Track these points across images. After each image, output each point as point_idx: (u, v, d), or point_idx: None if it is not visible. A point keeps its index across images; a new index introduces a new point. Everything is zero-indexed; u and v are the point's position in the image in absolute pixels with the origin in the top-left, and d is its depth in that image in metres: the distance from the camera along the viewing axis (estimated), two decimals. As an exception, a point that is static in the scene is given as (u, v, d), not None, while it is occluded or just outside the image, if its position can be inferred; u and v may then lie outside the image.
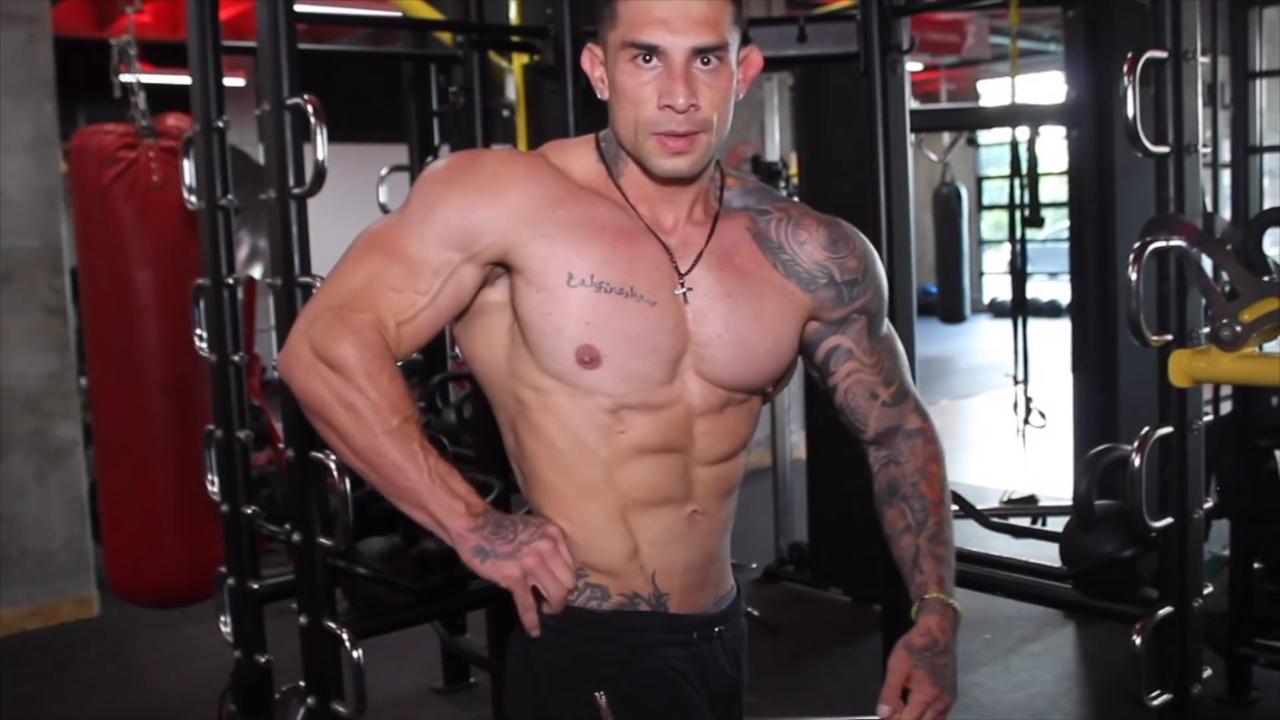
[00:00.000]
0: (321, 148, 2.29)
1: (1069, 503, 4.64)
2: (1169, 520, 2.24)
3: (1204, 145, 2.26)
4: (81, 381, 5.06)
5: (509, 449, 1.50)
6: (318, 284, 2.34)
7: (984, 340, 12.37)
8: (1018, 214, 4.57)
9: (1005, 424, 5.97)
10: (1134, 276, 2.14)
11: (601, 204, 1.44)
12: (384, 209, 4.12)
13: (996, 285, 16.08)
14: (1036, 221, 4.51)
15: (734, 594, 1.57)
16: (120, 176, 3.33)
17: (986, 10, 7.04)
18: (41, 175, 4.78)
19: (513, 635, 1.52)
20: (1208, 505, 2.30)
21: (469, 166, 1.44)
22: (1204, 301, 2.21)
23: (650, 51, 1.36)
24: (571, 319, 1.37)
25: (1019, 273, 4.71)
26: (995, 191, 16.15)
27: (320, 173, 2.31)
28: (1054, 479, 5.31)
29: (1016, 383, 4.65)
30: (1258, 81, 3.55)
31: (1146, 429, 2.23)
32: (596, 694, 1.39)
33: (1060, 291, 13.71)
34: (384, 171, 4.03)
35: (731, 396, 1.49)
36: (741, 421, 1.52)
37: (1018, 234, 4.58)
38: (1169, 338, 2.22)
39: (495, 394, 1.48)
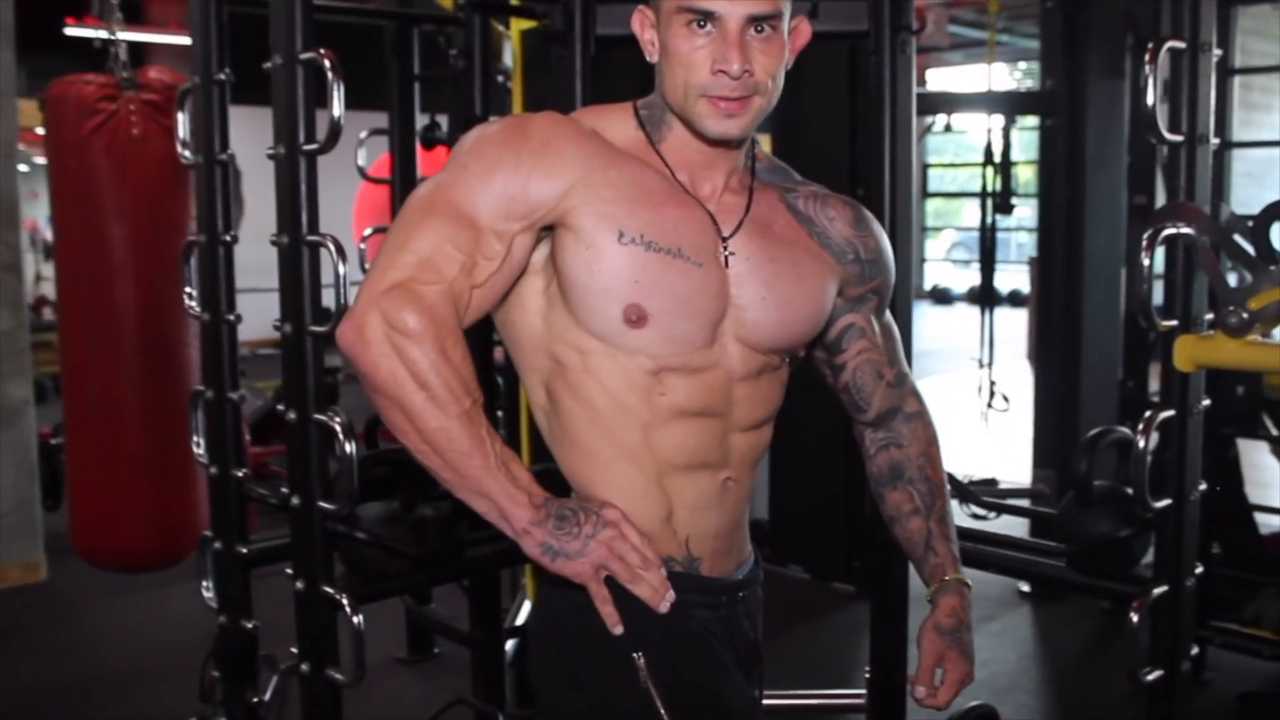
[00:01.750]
0: (338, 104, 2.25)
1: (1028, 485, 4.78)
2: (1167, 501, 2.28)
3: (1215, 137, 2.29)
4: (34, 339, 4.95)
5: (539, 409, 1.49)
6: (328, 243, 2.31)
7: (929, 326, 12.54)
8: (989, 201, 4.62)
9: (956, 407, 6.07)
10: (1146, 262, 2.18)
11: (645, 169, 1.45)
12: (362, 172, 4.07)
13: (937, 272, 16.31)
14: (1007, 208, 4.57)
15: (754, 559, 1.60)
16: (99, 129, 3.25)
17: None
18: (-2, 127, 4.65)
19: (539, 600, 1.54)
20: (1203, 488, 2.35)
21: (523, 129, 1.42)
22: (1210, 288, 2.25)
23: (706, 17, 1.37)
24: (620, 278, 1.38)
25: (989, 258, 4.77)
26: (937, 179, 16.38)
27: (336, 130, 2.27)
28: (1011, 462, 5.40)
29: (981, 366, 4.72)
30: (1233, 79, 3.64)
31: (1149, 412, 2.27)
32: (635, 655, 1.39)
33: (1000, 279, 13.95)
34: (363, 135, 3.97)
35: (768, 362, 1.51)
36: (774, 389, 1.55)
37: (989, 220, 4.64)
38: (1174, 323, 2.26)
39: (529, 355, 1.48)
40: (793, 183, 1.59)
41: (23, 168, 5.96)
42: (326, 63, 2.25)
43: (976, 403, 5.09)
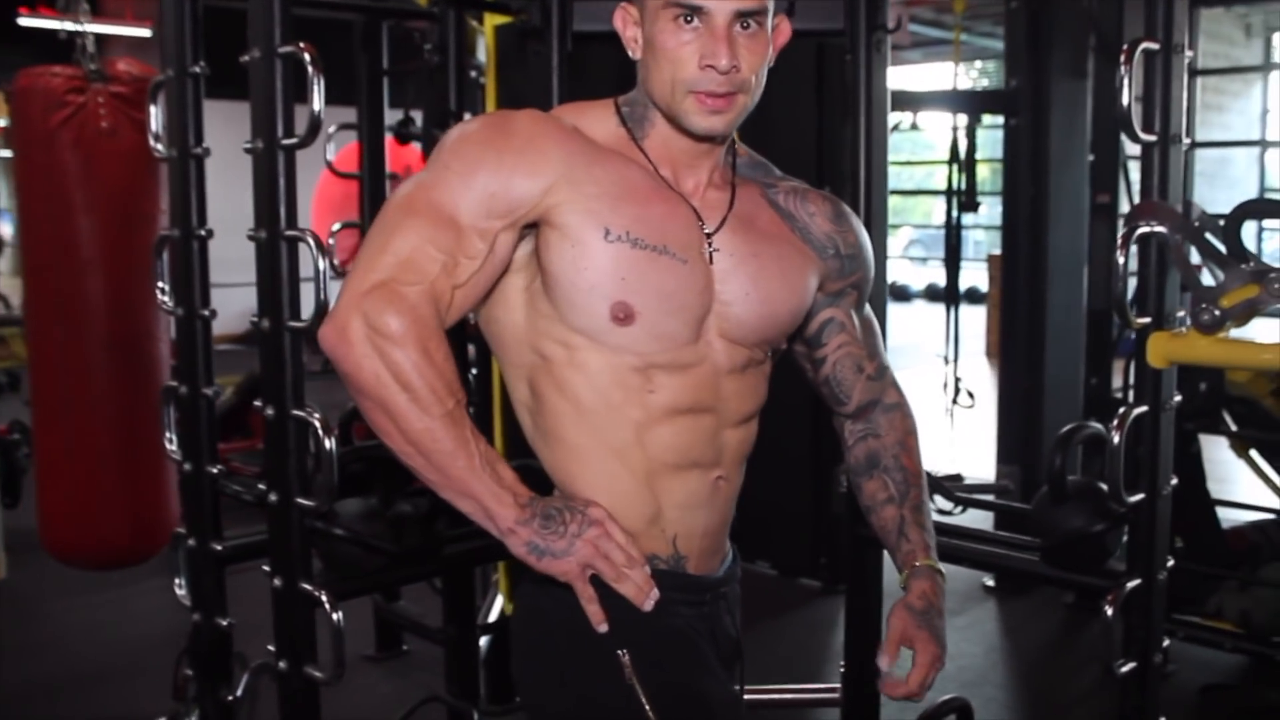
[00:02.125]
0: (318, 99, 2.23)
1: (992, 481, 4.82)
2: (1141, 496, 2.32)
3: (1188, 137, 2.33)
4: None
5: (522, 405, 1.49)
6: (308, 238, 2.30)
7: (886, 324, 12.62)
8: (954, 199, 4.66)
9: (919, 403, 6.13)
10: (1122, 260, 2.21)
11: (629, 165, 1.46)
12: (330, 166, 4.05)
13: (895, 269, 16.41)
14: (973, 205, 4.62)
15: (734, 556, 1.61)
16: (67, 122, 3.20)
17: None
18: (-44, 118, 4.57)
19: (520, 598, 1.53)
20: (1174, 483, 2.39)
21: (504, 127, 1.41)
22: (1183, 285, 2.28)
23: (693, 12, 1.38)
24: (607, 275, 1.38)
25: (954, 255, 4.82)
26: (894, 176, 16.49)
27: (315, 124, 2.25)
28: (975, 459, 5.45)
29: (947, 363, 4.76)
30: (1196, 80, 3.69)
31: (1124, 409, 2.30)
32: (619, 652, 1.40)
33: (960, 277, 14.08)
34: (331, 129, 3.95)
35: (752, 356, 1.52)
36: (760, 382, 1.56)
37: (954, 219, 4.69)
38: (1148, 320, 2.29)
39: (512, 351, 1.48)
40: (773, 178, 1.61)
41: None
42: (306, 56, 2.23)
43: (941, 399, 5.13)
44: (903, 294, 15.42)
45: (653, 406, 1.44)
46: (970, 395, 4.74)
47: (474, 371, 3.34)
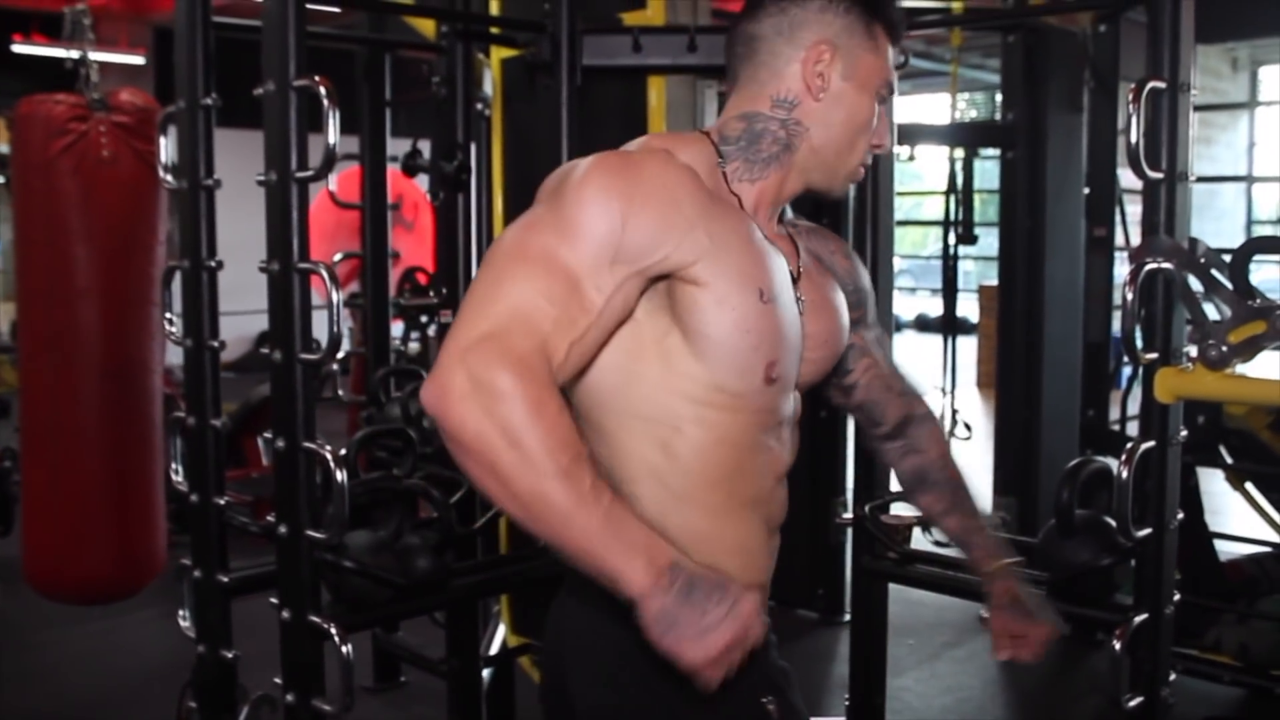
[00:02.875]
0: (333, 131, 2.24)
1: (989, 513, 4.82)
2: (1147, 530, 2.33)
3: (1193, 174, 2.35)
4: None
5: (640, 461, 1.39)
6: (322, 270, 2.30)
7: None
8: (951, 231, 4.69)
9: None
10: (1130, 297, 2.23)
11: (739, 213, 1.43)
12: (333, 196, 4.05)
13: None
14: (970, 238, 4.64)
15: None
16: (68, 150, 3.20)
17: (930, 32, 7.24)
18: (-45, 145, 4.57)
19: (586, 626, 1.45)
20: (1181, 517, 2.41)
21: (632, 172, 1.31)
22: (1189, 321, 2.30)
23: (890, 95, 1.50)
24: (766, 337, 1.37)
25: (951, 287, 4.84)
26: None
27: (331, 157, 2.26)
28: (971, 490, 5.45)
29: (944, 395, 4.77)
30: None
31: (1131, 443, 2.32)
32: (765, 700, 1.43)
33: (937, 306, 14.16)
34: (334, 159, 3.95)
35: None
36: None
37: (951, 250, 4.71)
38: (1155, 356, 2.31)
39: (639, 403, 1.37)
40: (792, 218, 1.63)
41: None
42: (323, 90, 2.24)
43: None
44: (898, 324, 15.48)
45: (779, 462, 1.48)
46: (967, 427, 4.74)
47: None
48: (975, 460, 5.56)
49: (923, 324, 14.33)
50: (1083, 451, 4.11)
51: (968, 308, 13.00)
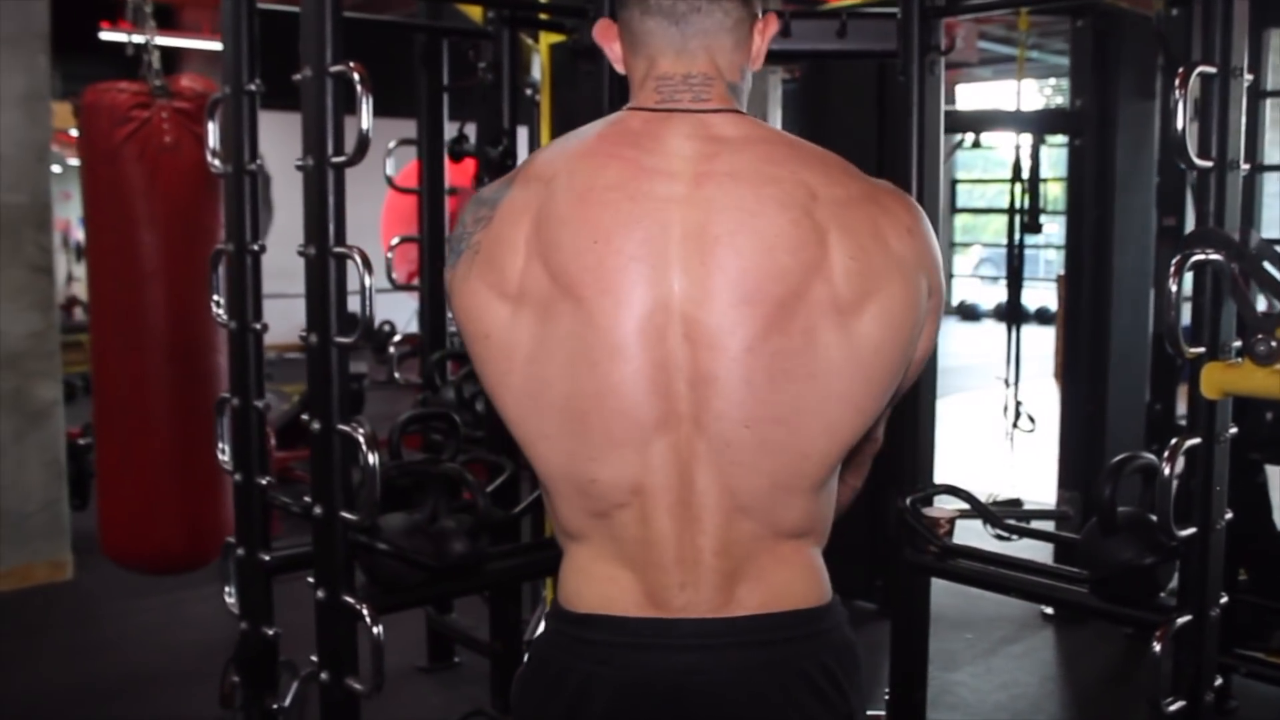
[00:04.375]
0: (366, 117, 2.26)
1: (1052, 507, 4.74)
2: (1192, 530, 2.26)
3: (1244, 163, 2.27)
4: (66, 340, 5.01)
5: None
6: (355, 255, 2.33)
7: (956, 343, 12.47)
8: (1017, 219, 4.60)
9: (982, 426, 6.05)
10: (1174, 289, 2.16)
11: None
12: (390, 181, 4.09)
13: (965, 288, 16.21)
14: (1035, 227, 4.55)
15: None
16: (132, 136, 3.28)
17: (998, 13, 7.10)
18: (33, 130, 4.70)
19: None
20: (1229, 516, 2.33)
21: None
22: (1238, 315, 2.23)
23: None
24: None
25: (1016, 276, 4.75)
26: (965, 194, 16.32)
27: (364, 142, 2.28)
28: (1035, 483, 5.36)
29: (1007, 385, 4.69)
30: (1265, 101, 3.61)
31: (1175, 439, 2.25)
32: None
33: (1028, 297, 13.88)
34: (391, 145, 3.98)
35: None
36: None
37: (1016, 239, 4.62)
38: (1202, 350, 2.24)
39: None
40: None
41: (56, 169, 6.02)
42: (356, 76, 2.26)
43: (1002, 422, 5.05)
44: (971, 313, 15.21)
45: None
46: (1031, 419, 4.65)
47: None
48: (1039, 453, 5.52)
49: (1002, 313, 14.07)
50: (1148, 445, 4.01)
51: (1048, 297, 12.79)
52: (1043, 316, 13.04)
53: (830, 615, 1.32)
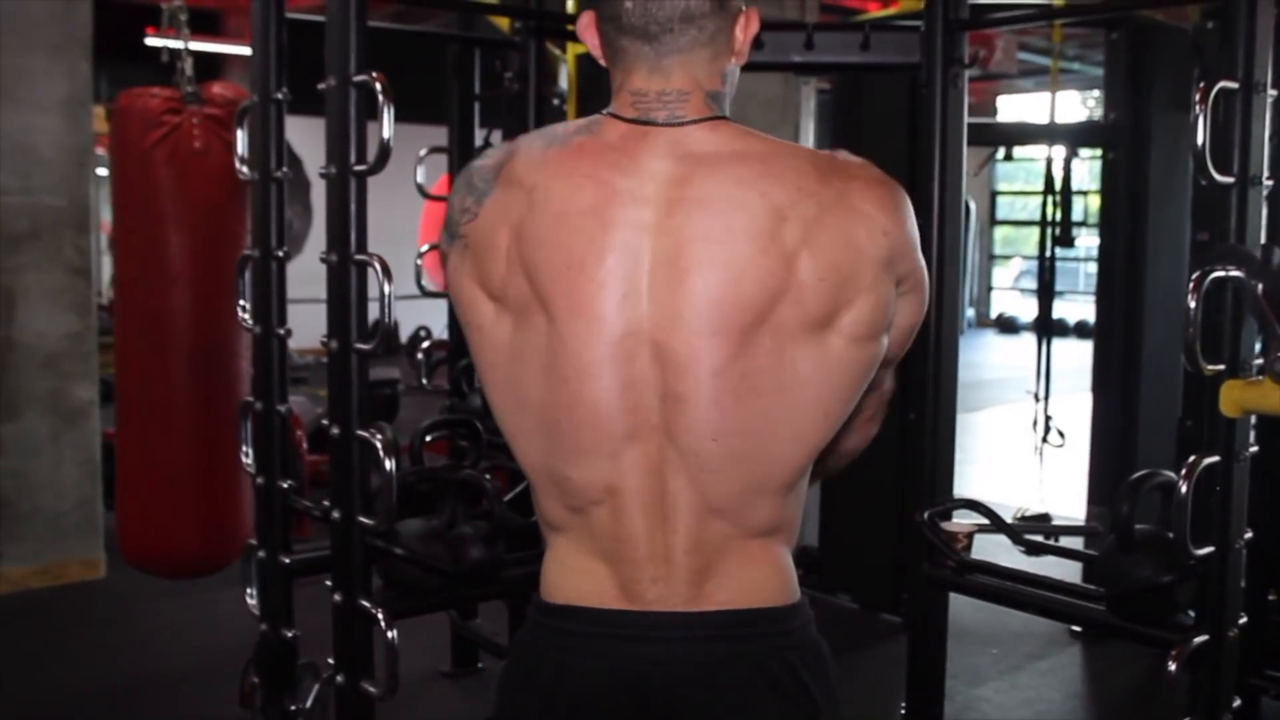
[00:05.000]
0: (388, 126, 2.29)
1: (1082, 523, 4.70)
2: (1210, 549, 2.24)
3: (1268, 178, 2.25)
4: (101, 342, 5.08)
5: None
6: (374, 263, 2.35)
7: (994, 355, 12.39)
8: (1048, 232, 4.57)
9: (1016, 440, 6.00)
10: (1193, 305, 2.15)
11: None
12: (421, 190, 4.12)
13: (1005, 301, 16.08)
14: (1067, 240, 4.52)
15: None
16: (162, 141, 3.31)
17: (1030, 27, 7.09)
18: (74, 135, 4.77)
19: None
20: (1248, 536, 2.31)
21: None
22: (1258, 333, 2.21)
23: None
24: None
25: (1047, 289, 4.71)
26: (1006, 206, 16.21)
27: (385, 151, 2.31)
28: (1066, 498, 5.32)
29: (1037, 400, 4.66)
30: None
31: (1193, 457, 2.23)
32: None
33: (1066, 310, 13.77)
34: (423, 152, 4.02)
35: None
36: None
37: (1048, 251, 4.59)
38: (1221, 367, 2.22)
39: None
40: None
41: (102, 171, 6.11)
42: (378, 85, 2.29)
43: (1031, 437, 5.02)
44: (1010, 326, 15.09)
45: None
46: (1060, 434, 4.62)
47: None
48: (1072, 467, 5.48)
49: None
50: (1179, 462, 3.97)
51: (1088, 310, 12.67)
52: (1082, 330, 12.93)
53: (797, 615, 1.35)
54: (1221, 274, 2.17)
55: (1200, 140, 2.13)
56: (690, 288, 1.23)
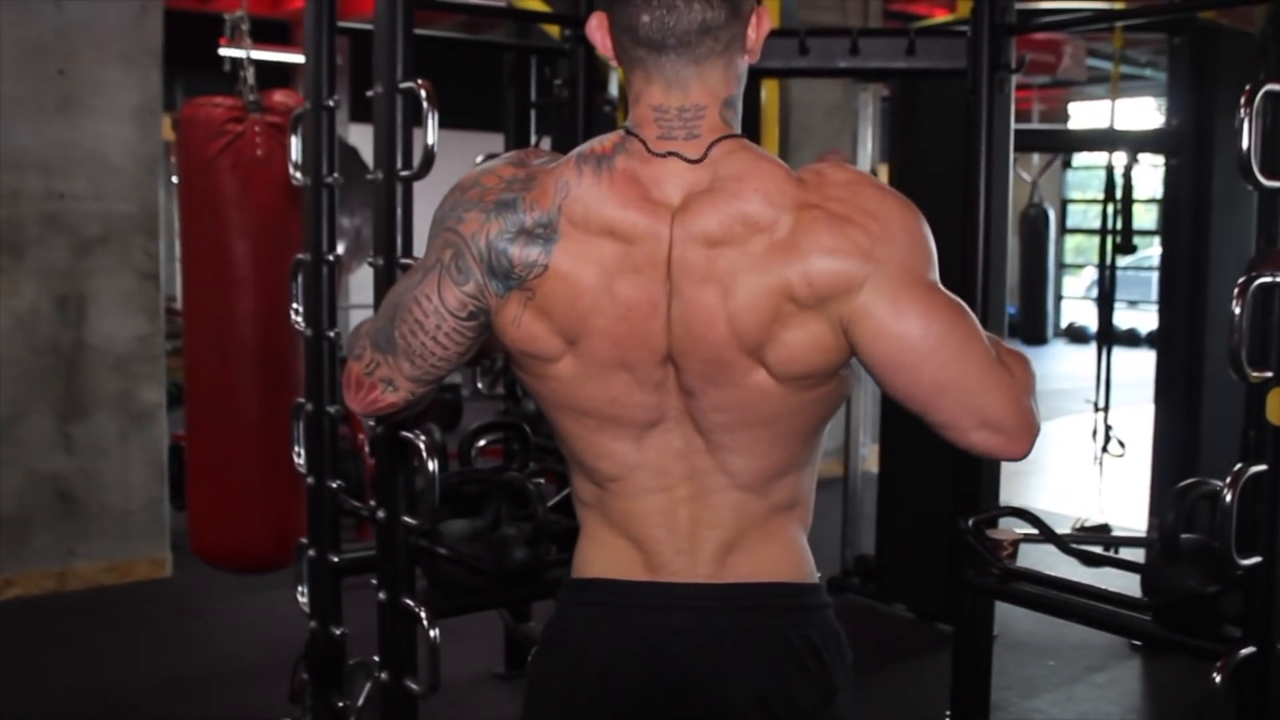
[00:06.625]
0: (432, 132, 2.33)
1: (1143, 534, 4.62)
2: (1257, 559, 2.21)
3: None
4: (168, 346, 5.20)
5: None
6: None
7: (1063, 365, 12.18)
8: (1109, 240, 4.51)
9: (1081, 450, 5.92)
10: (1238, 311, 2.12)
11: None
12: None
13: (1074, 310, 15.81)
14: (1128, 248, 4.46)
15: None
16: (226, 149, 3.40)
17: (1086, 32, 6.99)
18: (145, 143, 4.90)
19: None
20: (1298, 547, 2.27)
21: None
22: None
23: None
24: None
25: (1107, 298, 4.65)
26: (1078, 215, 15.95)
27: (429, 157, 2.35)
28: (1128, 509, 5.24)
29: (1097, 410, 4.59)
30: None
31: (1239, 465, 2.20)
32: None
33: (1139, 320, 13.51)
34: (479, 159, 4.06)
35: None
36: None
37: (1108, 259, 4.53)
38: (1269, 374, 2.18)
39: None
40: None
41: (175, 179, 6.26)
42: (423, 93, 2.33)
43: (1091, 447, 4.95)
44: (1080, 335, 14.82)
45: None
46: (1121, 444, 4.55)
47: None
48: (1134, 478, 5.39)
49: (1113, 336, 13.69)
50: (1240, 474, 3.89)
51: (1154, 320, 12.41)
52: (1152, 340, 12.68)
53: (816, 594, 1.40)
54: (1269, 280, 2.14)
55: (1245, 144, 2.10)
56: (693, 324, 1.28)
